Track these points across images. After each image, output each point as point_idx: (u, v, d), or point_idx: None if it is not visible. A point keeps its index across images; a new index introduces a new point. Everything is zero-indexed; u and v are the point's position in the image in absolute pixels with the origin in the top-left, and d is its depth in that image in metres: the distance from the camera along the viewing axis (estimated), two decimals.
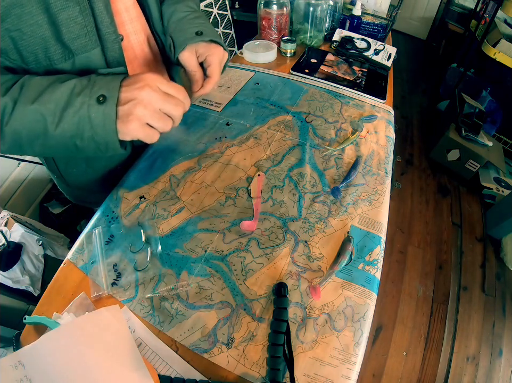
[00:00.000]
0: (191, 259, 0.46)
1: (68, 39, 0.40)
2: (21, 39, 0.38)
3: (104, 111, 0.36)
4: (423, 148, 2.06)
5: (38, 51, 0.39)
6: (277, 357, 0.37)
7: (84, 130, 0.36)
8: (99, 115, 0.36)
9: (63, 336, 0.34)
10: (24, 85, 0.36)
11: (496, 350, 1.24)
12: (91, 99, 0.36)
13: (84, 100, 0.36)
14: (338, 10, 1.01)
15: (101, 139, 0.37)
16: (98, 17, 0.42)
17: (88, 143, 0.38)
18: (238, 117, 0.68)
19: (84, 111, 0.36)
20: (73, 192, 0.70)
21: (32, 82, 0.37)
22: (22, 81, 0.37)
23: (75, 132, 0.37)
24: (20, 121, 0.36)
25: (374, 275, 0.46)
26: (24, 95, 0.36)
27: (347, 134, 0.66)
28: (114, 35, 0.45)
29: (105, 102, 0.36)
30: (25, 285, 0.94)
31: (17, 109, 0.35)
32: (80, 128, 0.36)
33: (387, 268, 1.43)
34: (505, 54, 1.68)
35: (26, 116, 0.35)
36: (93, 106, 0.36)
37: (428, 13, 3.11)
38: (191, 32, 0.53)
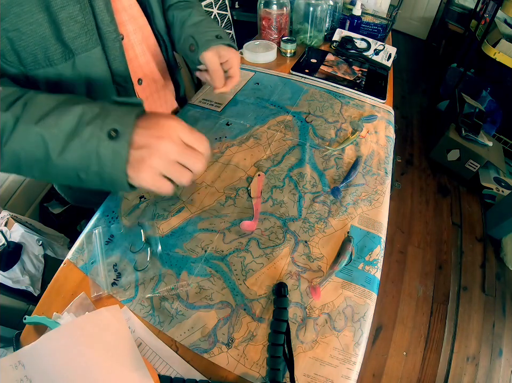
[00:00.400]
0: (191, 259, 0.46)
1: (69, 38, 0.40)
2: (20, 39, 0.37)
3: (114, 148, 0.32)
4: (423, 148, 2.06)
5: (37, 52, 0.38)
6: (277, 357, 0.37)
7: (90, 164, 0.33)
8: (109, 152, 0.32)
9: (63, 336, 0.34)
10: (28, 102, 0.33)
11: (496, 350, 1.24)
12: (101, 132, 0.32)
13: (94, 132, 0.32)
14: (338, 10, 1.01)
15: (108, 176, 0.33)
16: (98, 16, 0.42)
17: (92, 177, 0.34)
18: (238, 117, 0.68)
19: (92, 145, 0.32)
20: (74, 195, 0.69)
21: (37, 100, 0.33)
22: (26, 97, 0.34)
23: (79, 165, 0.33)
24: (20, 142, 0.32)
25: (374, 275, 0.46)
26: (27, 113, 0.32)
27: (347, 134, 0.66)
28: (114, 34, 0.45)
29: (117, 138, 0.32)
30: (25, 285, 0.94)
31: (18, 128, 0.32)
32: (85, 162, 0.32)
33: (387, 268, 1.43)
34: (505, 54, 1.68)
35: (27, 137, 0.32)
36: (103, 141, 0.31)
37: (428, 13, 3.11)
38: (212, 35, 0.56)
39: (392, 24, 1.01)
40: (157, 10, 0.56)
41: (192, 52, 0.57)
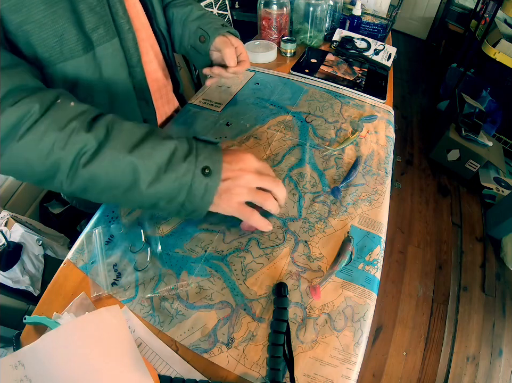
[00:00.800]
0: (191, 259, 0.46)
1: (89, 29, 0.39)
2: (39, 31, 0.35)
3: (208, 184, 0.35)
4: (423, 148, 2.06)
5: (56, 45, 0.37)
6: (277, 357, 0.37)
7: (179, 196, 0.34)
8: (202, 186, 0.34)
9: (63, 336, 0.34)
10: (113, 128, 0.33)
11: (496, 350, 1.24)
12: (197, 169, 0.34)
13: (190, 168, 0.34)
14: (338, 10, 1.01)
15: (192, 207, 0.36)
16: (112, 8, 0.42)
17: (174, 206, 0.36)
18: (238, 117, 0.68)
19: (187, 179, 0.34)
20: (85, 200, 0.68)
21: (123, 127, 0.33)
22: (107, 120, 0.33)
23: (165, 195, 0.34)
24: (106, 167, 0.31)
25: (374, 275, 0.46)
26: (116, 141, 0.32)
27: (347, 134, 0.66)
28: (127, 25, 0.45)
29: (210, 175, 0.35)
30: (25, 285, 0.94)
31: (105, 153, 0.31)
32: (174, 194, 0.34)
33: (387, 268, 1.43)
34: (505, 54, 1.68)
35: (116, 165, 0.31)
36: (198, 177, 0.34)
37: (428, 13, 3.11)
38: (218, 24, 0.59)
39: (392, 24, 1.01)
40: (158, 8, 0.56)
41: (203, 43, 0.58)
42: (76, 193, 0.34)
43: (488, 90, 2.06)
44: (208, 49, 0.58)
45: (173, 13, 0.61)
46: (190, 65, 1.54)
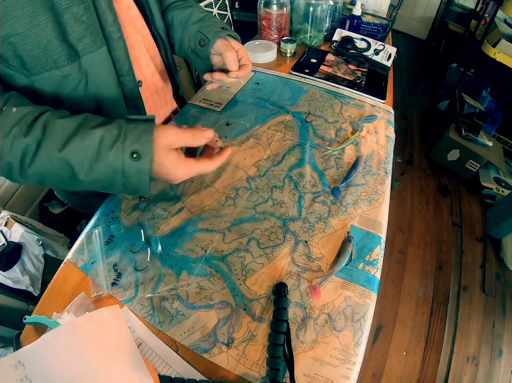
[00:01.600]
0: (191, 259, 0.46)
1: (74, 39, 0.39)
2: (23, 43, 0.36)
3: (139, 167, 0.36)
4: (423, 148, 2.06)
5: (41, 55, 0.38)
6: (277, 357, 0.37)
7: (116, 179, 0.36)
8: (134, 170, 0.36)
9: (63, 336, 0.34)
10: (47, 125, 0.35)
11: (496, 350, 1.24)
12: (124, 155, 0.35)
13: (117, 155, 0.35)
14: (338, 10, 1.01)
15: (132, 187, 0.38)
16: (101, 16, 0.42)
17: (117, 187, 0.38)
18: (238, 117, 0.68)
19: (117, 166, 0.35)
20: (82, 201, 0.68)
21: (56, 124, 0.35)
22: (43, 119, 0.35)
23: (105, 180, 0.37)
24: (45, 166, 0.35)
25: (374, 275, 0.46)
26: (49, 139, 0.34)
27: (347, 134, 0.66)
28: (118, 33, 0.45)
29: (139, 159, 0.35)
30: (25, 285, 0.94)
31: (42, 153, 0.34)
32: (111, 178, 0.36)
33: (387, 268, 1.43)
34: (505, 54, 1.68)
35: (51, 162, 0.35)
36: (127, 162, 0.35)
37: (428, 13, 3.11)
38: (218, 27, 0.58)
39: (392, 24, 1.01)
40: (156, 11, 0.56)
41: (203, 47, 0.58)
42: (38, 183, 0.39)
43: (488, 90, 2.06)
44: (208, 53, 0.58)
45: (172, 16, 0.60)
46: (190, 65, 1.54)
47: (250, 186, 0.55)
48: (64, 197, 0.70)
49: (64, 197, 0.69)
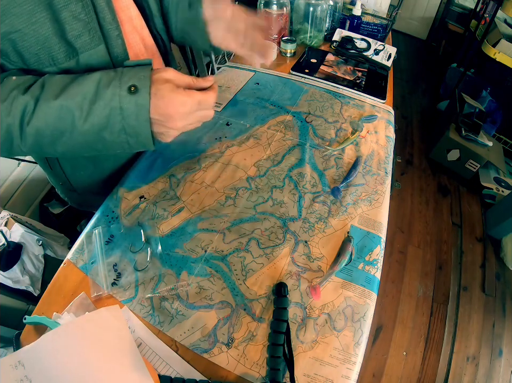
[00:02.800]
0: (191, 259, 0.46)
1: (72, 36, 0.40)
2: (22, 40, 0.37)
3: (137, 101, 0.35)
4: (423, 148, 2.05)
5: (40, 52, 0.38)
6: (277, 357, 0.37)
7: (115, 122, 0.36)
8: (132, 105, 0.35)
9: (63, 336, 0.34)
10: (45, 83, 0.36)
11: (496, 350, 1.24)
12: (121, 90, 0.35)
13: (115, 92, 0.35)
14: (338, 10, 1.01)
15: (132, 130, 0.37)
16: (100, 14, 0.42)
17: (117, 136, 0.37)
18: (238, 117, 0.68)
19: (115, 102, 0.35)
20: (79, 198, 0.69)
21: (54, 80, 0.36)
22: (42, 79, 0.36)
23: (105, 125, 0.36)
24: (44, 118, 0.35)
25: (374, 275, 0.46)
26: (47, 92, 0.34)
27: (347, 134, 0.66)
28: (116, 31, 0.45)
29: (137, 92, 0.35)
30: (25, 285, 0.94)
31: (40, 107, 0.34)
32: (111, 121, 0.36)
33: (387, 268, 1.43)
34: (505, 54, 1.68)
35: (50, 113, 0.34)
36: (125, 97, 0.35)
37: (428, 13, 3.11)
38: None
39: (392, 24, 1.01)
40: (156, 10, 0.56)
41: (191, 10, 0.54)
42: (36, 152, 0.38)
43: (488, 90, 2.06)
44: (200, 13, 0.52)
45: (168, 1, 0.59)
46: (190, 65, 1.54)
47: (250, 186, 0.55)
48: (63, 194, 0.70)
49: (64, 194, 0.70)
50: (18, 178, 1.21)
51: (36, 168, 1.27)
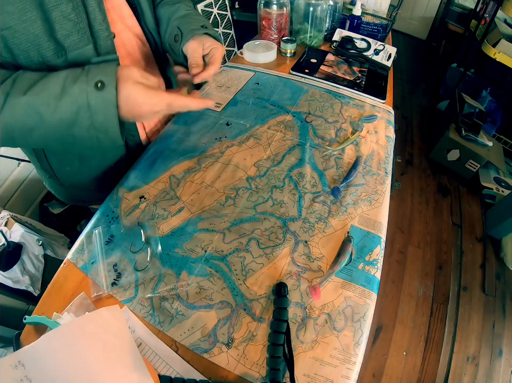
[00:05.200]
0: (191, 259, 0.46)
1: (61, 35, 0.40)
2: (13, 37, 0.37)
3: (104, 97, 0.35)
4: (423, 148, 2.05)
5: (29, 49, 0.39)
6: (277, 357, 0.37)
7: (84, 118, 0.36)
8: (99, 102, 0.35)
9: (63, 336, 0.34)
10: (17, 79, 0.36)
11: (496, 350, 1.24)
12: (88, 86, 0.35)
13: (82, 87, 0.35)
14: (338, 10, 1.01)
15: (101, 126, 0.37)
16: (90, 14, 0.43)
17: (87, 131, 0.37)
18: (238, 117, 0.68)
19: (82, 99, 0.35)
20: (66, 192, 0.69)
21: (25, 76, 0.36)
22: (15, 75, 0.37)
23: (73, 122, 0.36)
24: (12, 114, 0.35)
25: (374, 275, 0.46)
26: (16, 88, 0.35)
27: (347, 134, 0.66)
28: (106, 32, 0.45)
29: (104, 88, 0.35)
30: (25, 285, 0.94)
31: (9, 102, 0.35)
32: (79, 117, 0.36)
33: (387, 268, 1.43)
34: (505, 54, 1.68)
35: (18, 108, 0.35)
36: (92, 93, 0.35)
37: (428, 13, 3.11)
38: (197, 25, 0.56)
39: (392, 24, 1.01)
40: (147, 9, 0.56)
41: (176, 43, 0.56)
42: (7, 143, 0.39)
43: (488, 90, 2.06)
44: (180, 49, 0.55)
45: (161, 12, 0.60)
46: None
47: (250, 186, 0.55)
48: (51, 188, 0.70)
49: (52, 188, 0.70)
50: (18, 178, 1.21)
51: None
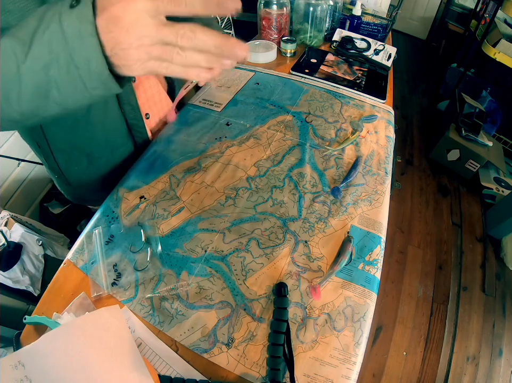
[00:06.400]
0: (191, 259, 0.46)
1: None
2: None
3: (78, 13, 0.27)
4: (423, 148, 2.05)
5: None
6: (277, 357, 0.37)
7: (59, 51, 0.28)
8: (73, 20, 0.27)
9: (63, 336, 0.34)
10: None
11: (496, 350, 1.24)
12: (63, 7, 0.28)
13: (55, 10, 0.28)
14: (338, 10, 1.01)
15: (80, 57, 0.28)
16: None
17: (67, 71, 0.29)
18: (238, 117, 0.68)
19: (55, 23, 0.28)
20: (74, 192, 0.69)
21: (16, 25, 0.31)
22: None
23: (48, 57, 0.29)
24: None
25: (374, 275, 0.46)
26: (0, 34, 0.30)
27: (347, 134, 0.66)
28: None
29: (78, 3, 0.27)
30: (25, 285, 0.94)
31: None
32: (54, 49, 0.28)
33: (387, 268, 1.43)
34: (505, 54, 1.68)
35: None
36: (65, 13, 0.27)
37: (428, 13, 3.11)
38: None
39: (392, 24, 1.01)
40: None
41: None
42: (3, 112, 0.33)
43: (488, 90, 2.06)
44: None
45: None
46: None
47: (250, 186, 0.55)
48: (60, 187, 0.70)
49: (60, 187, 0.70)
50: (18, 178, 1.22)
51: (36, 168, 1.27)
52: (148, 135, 0.63)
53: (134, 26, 0.27)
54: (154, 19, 0.27)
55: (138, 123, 0.59)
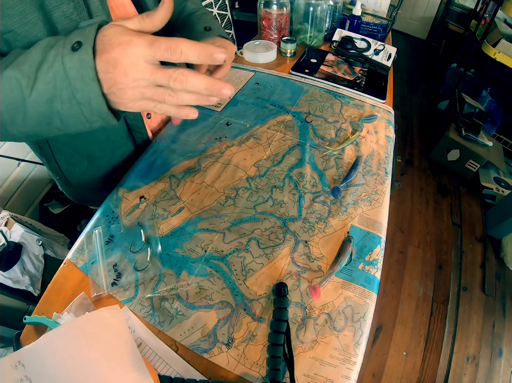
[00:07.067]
0: (191, 259, 0.46)
1: None
2: (15, 40, 0.37)
3: (79, 57, 0.29)
4: (423, 148, 2.06)
5: None
6: (277, 357, 0.37)
7: (62, 87, 0.31)
8: (75, 63, 0.30)
9: (63, 336, 0.34)
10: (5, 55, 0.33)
11: (496, 350, 1.24)
12: (65, 49, 0.30)
13: (58, 51, 0.30)
14: (338, 10, 1.01)
15: (82, 95, 0.31)
16: (93, 14, 0.42)
17: (69, 106, 0.32)
18: (238, 117, 0.68)
19: (58, 64, 0.30)
20: (75, 192, 0.69)
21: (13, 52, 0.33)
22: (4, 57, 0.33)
23: (52, 93, 0.31)
24: None
25: (374, 275, 0.46)
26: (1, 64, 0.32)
27: (347, 134, 0.66)
28: None
29: (80, 48, 0.30)
30: (25, 285, 0.94)
31: None
32: (57, 87, 0.31)
33: (387, 268, 1.43)
34: (505, 54, 1.68)
35: (1, 84, 0.31)
36: (67, 55, 0.30)
37: (428, 13, 3.11)
38: (200, 28, 0.54)
39: (392, 24, 1.01)
40: (153, 7, 0.56)
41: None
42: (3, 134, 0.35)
43: (488, 90, 2.06)
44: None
45: None
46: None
47: (250, 187, 0.55)
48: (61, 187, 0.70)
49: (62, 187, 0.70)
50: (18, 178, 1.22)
51: (36, 168, 1.27)
52: (148, 135, 0.63)
53: (131, 69, 0.30)
54: (149, 65, 0.30)
55: (138, 124, 0.59)
